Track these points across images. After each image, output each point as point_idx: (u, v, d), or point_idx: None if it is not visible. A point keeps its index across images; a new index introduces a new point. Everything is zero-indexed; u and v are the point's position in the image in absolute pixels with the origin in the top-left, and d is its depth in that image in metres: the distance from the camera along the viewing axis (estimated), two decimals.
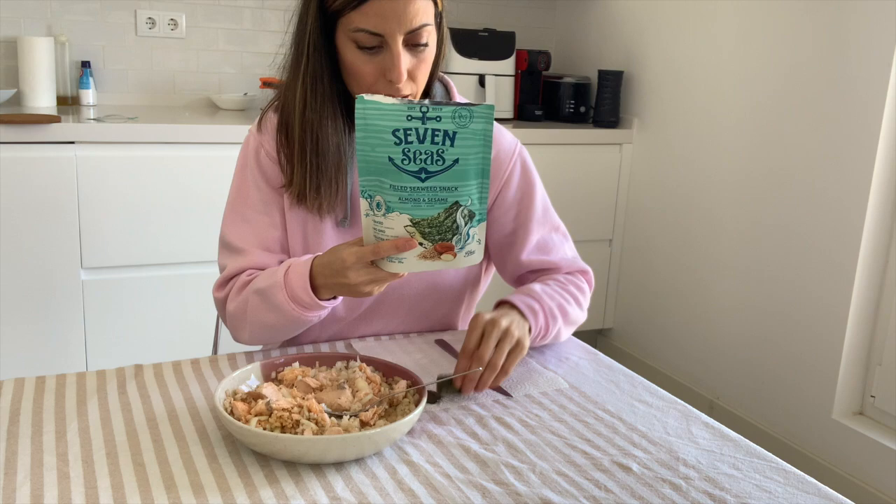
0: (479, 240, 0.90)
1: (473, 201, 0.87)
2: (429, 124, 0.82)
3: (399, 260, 0.90)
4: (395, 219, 0.87)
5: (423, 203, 0.85)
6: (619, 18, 3.02)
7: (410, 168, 0.84)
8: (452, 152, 0.83)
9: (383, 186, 0.85)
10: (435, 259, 0.89)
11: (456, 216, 0.87)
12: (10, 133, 2.11)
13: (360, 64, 1.05)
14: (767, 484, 0.85)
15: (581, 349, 1.23)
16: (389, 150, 0.83)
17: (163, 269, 2.31)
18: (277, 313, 1.06)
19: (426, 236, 0.88)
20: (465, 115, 0.82)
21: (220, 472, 0.82)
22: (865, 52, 2.09)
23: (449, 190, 0.85)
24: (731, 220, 2.55)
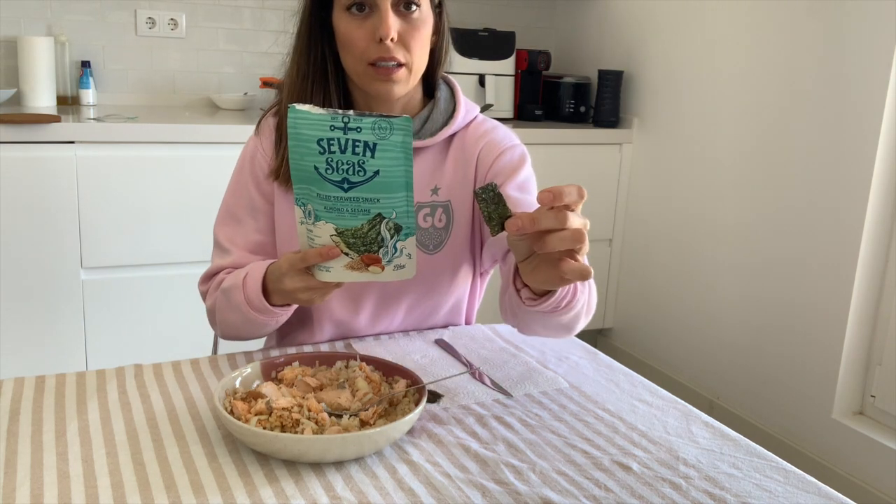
0: (408, 254, 0.90)
1: (399, 214, 0.87)
2: (350, 135, 0.83)
3: (327, 269, 0.92)
4: (322, 227, 0.88)
5: (346, 213, 0.86)
6: (619, 18, 3.02)
7: (333, 178, 0.84)
8: (373, 163, 0.84)
9: (311, 195, 0.87)
10: (363, 270, 0.91)
11: (380, 228, 0.87)
12: (10, 133, 2.11)
13: (353, 29, 1.07)
14: (767, 483, 0.85)
15: (581, 349, 1.22)
16: (315, 159, 0.84)
17: (163, 269, 2.31)
18: (237, 313, 1.09)
19: (351, 247, 0.89)
20: (385, 126, 0.82)
21: (220, 471, 0.82)
22: (865, 52, 2.09)
23: (371, 201, 0.86)
24: (730, 220, 2.55)
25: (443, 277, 1.21)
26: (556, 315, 0.98)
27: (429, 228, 1.19)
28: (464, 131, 1.22)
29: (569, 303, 0.97)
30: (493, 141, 1.21)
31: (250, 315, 1.07)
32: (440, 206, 1.19)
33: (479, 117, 1.25)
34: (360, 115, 0.83)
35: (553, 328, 1.05)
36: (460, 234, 1.21)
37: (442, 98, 1.20)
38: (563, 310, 0.98)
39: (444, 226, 1.20)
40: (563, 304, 0.97)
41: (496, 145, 1.20)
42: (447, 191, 1.20)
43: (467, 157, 1.20)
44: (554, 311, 0.97)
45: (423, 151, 1.19)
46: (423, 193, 1.19)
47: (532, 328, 1.07)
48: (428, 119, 1.19)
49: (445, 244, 1.20)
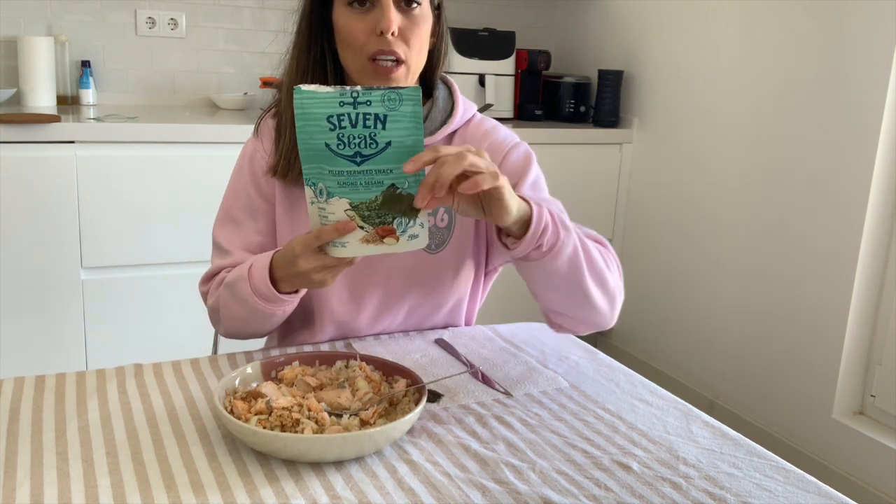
0: (421, 223, 0.91)
1: (411, 183, 0.88)
2: (360, 108, 0.84)
3: (342, 244, 0.92)
4: (335, 203, 0.89)
5: (360, 187, 0.88)
6: (619, 18, 3.02)
7: (346, 153, 0.86)
8: (384, 135, 0.85)
9: (323, 173, 0.88)
10: (378, 243, 0.91)
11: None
12: (10, 133, 2.11)
13: (353, 23, 1.08)
14: (768, 483, 0.85)
15: (581, 348, 1.22)
16: (325, 136, 0.85)
17: (163, 268, 2.31)
18: (244, 306, 1.08)
19: (366, 220, 0.90)
20: (394, 97, 0.84)
21: (220, 470, 0.82)
22: (865, 52, 2.09)
23: (384, 172, 0.87)
24: (731, 220, 2.55)
25: (445, 277, 1.21)
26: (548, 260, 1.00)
27: (430, 228, 1.19)
28: (464, 130, 1.22)
29: (553, 244, 0.99)
30: (496, 142, 1.21)
31: (257, 306, 1.06)
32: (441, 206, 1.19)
33: (478, 116, 1.25)
34: (369, 89, 0.84)
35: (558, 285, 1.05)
36: (463, 233, 1.21)
37: (440, 97, 1.21)
38: (551, 252, 1.00)
39: (447, 225, 1.20)
40: (547, 245, 0.99)
41: (500, 146, 1.20)
42: None
43: None
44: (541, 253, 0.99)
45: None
46: None
47: (543, 294, 1.09)
48: (426, 118, 1.19)
49: (448, 243, 1.20)
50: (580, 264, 1.04)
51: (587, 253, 1.05)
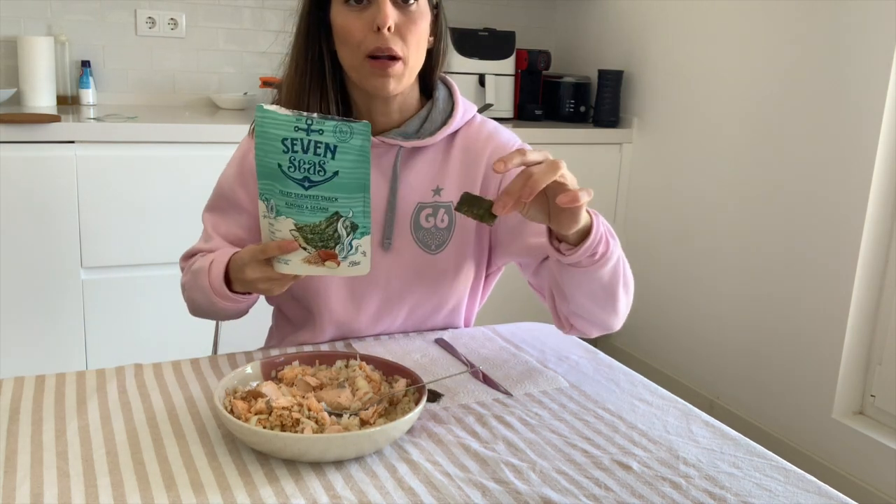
0: (363, 252, 0.94)
1: (355, 214, 0.91)
2: (312, 136, 0.87)
3: (285, 262, 0.96)
4: (282, 222, 0.93)
5: (306, 210, 0.91)
6: (619, 18, 3.02)
7: (295, 176, 0.89)
8: (333, 164, 0.88)
9: (274, 191, 0.91)
10: (319, 265, 0.95)
11: (337, 226, 0.92)
12: (10, 132, 2.11)
13: (350, 21, 1.08)
14: (768, 482, 0.85)
15: (581, 348, 1.22)
16: (279, 157, 0.89)
17: (163, 268, 2.30)
18: (202, 295, 1.12)
19: (309, 241, 0.93)
20: (346, 130, 0.87)
21: (220, 470, 0.82)
22: (865, 53, 2.09)
23: (330, 200, 0.90)
24: (730, 220, 2.55)
25: (445, 277, 1.21)
26: (595, 268, 1.01)
27: (431, 228, 1.19)
28: (465, 131, 1.22)
29: (603, 253, 1.00)
30: (500, 145, 1.21)
31: (213, 299, 1.10)
32: (442, 206, 1.19)
33: (478, 117, 1.25)
34: (323, 118, 0.87)
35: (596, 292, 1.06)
36: (463, 234, 1.20)
37: (440, 98, 1.20)
38: (601, 260, 1.01)
39: (447, 226, 1.19)
40: (599, 253, 1.00)
41: (504, 148, 1.21)
42: (450, 191, 1.19)
43: (472, 159, 1.20)
44: (592, 260, 1.00)
45: (424, 151, 1.19)
46: (425, 193, 1.19)
47: (577, 299, 1.09)
48: (427, 119, 1.18)
49: (448, 244, 1.20)
50: (619, 272, 1.06)
51: (624, 261, 1.08)
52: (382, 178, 1.18)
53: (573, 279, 1.06)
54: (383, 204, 1.18)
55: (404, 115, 1.18)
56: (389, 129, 1.18)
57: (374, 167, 1.18)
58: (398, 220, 1.18)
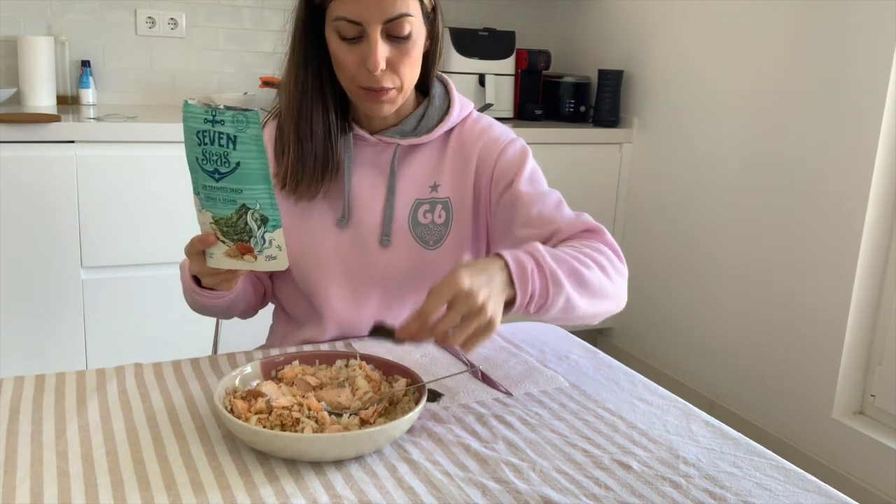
0: (278, 245, 0.95)
1: (263, 206, 0.91)
2: (216, 127, 0.88)
3: (210, 255, 0.98)
4: (205, 215, 0.95)
5: (219, 203, 0.92)
6: (619, 18, 3.02)
7: (207, 168, 0.90)
8: (235, 155, 0.89)
9: (198, 184, 0.93)
10: (238, 259, 0.96)
11: (247, 218, 0.92)
12: (10, 132, 2.11)
13: (343, 54, 1.08)
14: (768, 482, 0.85)
15: (581, 348, 1.23)
16: (195, 150, 0.90)
17: (163, 268, 2.30)
18: (188, 293, 1.16)
19: (225, 235, 0.95)
20: (242, 119, 0.87)
21: (220, 470, 0.82)
22: (865, 51, 2.09)
23: (236, 192, 0.91)
24: (731, 220, 2.55)
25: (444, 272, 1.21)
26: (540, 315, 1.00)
27: (428, 224, 1.19)
28: (460, 128, 1.22)
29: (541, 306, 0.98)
30: (491, 139, 1.21)
31: (194, 296, 1.14)
32: (440, 202, 1.20)
33: (474, 114, 1.25)
34: (226, 109, 0.88)
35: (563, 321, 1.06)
36: (461, 229, 1.21)
37: (436, 96, 1.21)
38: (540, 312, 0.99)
39: (444, 222, 1.20)
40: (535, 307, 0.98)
41: (496, 142, 1.20)
42: (447, 187, 1.20)
43: (466, 155, 1.21)
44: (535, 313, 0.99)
45: (421, 148, 1.20)
46: (423, 190, 1.19)
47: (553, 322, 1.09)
48: (423, 117, 1.19)
49: (445, 240, 1.20)
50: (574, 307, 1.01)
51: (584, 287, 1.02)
52: (380, 175, 1.19)
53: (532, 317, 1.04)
54: (381, 201, 1.18)
55: (401, 115, 1.19)
56: (387, 127, 1.19)
57: (372, 165, 1.19)
58: (396, 217, 1.19)
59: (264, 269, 0.96)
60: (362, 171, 1.19)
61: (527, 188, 1.16)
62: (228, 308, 1.21)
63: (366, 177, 1.19)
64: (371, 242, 1.19)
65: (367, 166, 1.19)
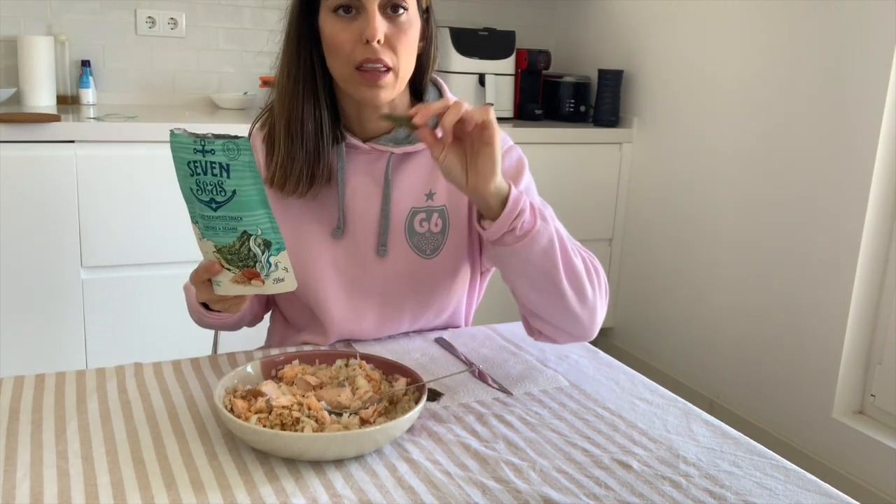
0: (284, 268, 0.94)
1: (264, 230, 0.90)
2: (207, 157, 0.86)
3: (217, 283, 0.97)
4: (206, 244, 0.93)
5: (219, 231, 0.90)
6: (619, 17, 3.02)
7: (203, 198, 0.88)
8: (230, 184, 0.87)
9: (195, 214, 0.91)
10: (246, 284, 0.95)
11: (250, 245, 0.91)
12: (9, 132, 2.11)
13: (339, 32, 1.07)
14: (768, 481, 0.85)
15: (581, 347, 1.22)
16: (188, 181, 0.88)
17: (163, 268, 2.31)
18: (195, 314, 1.17)
19: (230, 262, 0.93)
20: (233, 147, 0.86)
21: (220, 469, 0.82)
22: (865, 52, 2.09)
23: (236, 220, 0.89)
24: (731, 220, 2.55)
25: (442, 281, 1.20)
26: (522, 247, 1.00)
27: (425, 233, 1.18)
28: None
29: (528, 231, 1.00)
30: None
31: (201, 318, 1.15)
32: (436, 210, 1.18)
33: None
34: (215, 138, 0.86)
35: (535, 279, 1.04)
36: (457, 237, 1.20)
37: (430, 99, 1.20)
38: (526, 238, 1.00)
39: (441, 230, 1.18)
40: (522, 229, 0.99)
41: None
42: (443, 195, 1.18)
43: None
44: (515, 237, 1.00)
45: (415, 156, 1.18)
46: (418, 198, 1.18)
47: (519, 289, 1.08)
48: None
49: (443, 248, 1.19)
50: (555, 258, 1.03)
51: (564, 251, 1.04)
52: (374, 184, 1.17)
53: (505, 262, 1.05)
54: (377, 210, 1.17)
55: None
56: (380, 135, 1.17)
57: (366, 174, 1.17)
58: (392, 227, 1.17)
59: (273, 291, 0.95)
60: (356, 180, 1.17)
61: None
62: (237, 323, 1.22)
63: (360, 186, 1.17)
64: (367, 252, 1.17)
65: (361, 175, 1.17)
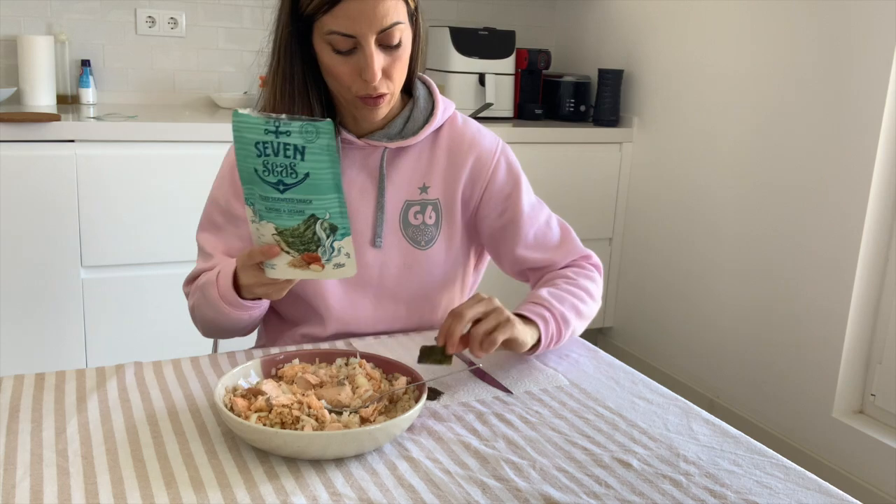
0: (346, 253, 0.93)
1: (333, 215, 0.90)
2: (281, 138, 0.86)
3: (272, 266, 0.96)
4: (265, 226, 0.92)
5: (283, 214, 0.90)
6: (619, 17, 3.02)
7: (270, 179, 0.88)
8: (304, 166, 0.87)
9: (255, 195, 0.90)
10: (304, 268, 0.94)
11: (315, 228, 0.91)
12: (9, 132, 2.11)
13: (337, 65, 1.08)
14: (768, 480, 0.85)
15: (581, 346, 1.23)
16: (254, 161, 0.87)
17: (163, 267, 2.30)
18: (213, 309, 1.11)
19: (291, 245, 0.92)
20: (311, 130, 0.85)
21: (220, 468, 0.82)
22: (866, 51, 2.09)
23: (305, 202, 0.89)
24: (731, 219, 2.55)
25: (436, 272, 1.23)
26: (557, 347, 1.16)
27: (419, 225, 1.21)
28: (449, 129, 1.24)
29: (557, 341, 1.14)
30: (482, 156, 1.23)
31: (224, 309, 1.09)
32: (430, 203, 1.21)
33: (458, 115, 1.27)
34: (291, 119, 0.86)
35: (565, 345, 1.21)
36: (451, 229, 1.23)
37: (420, 97, 1.22)
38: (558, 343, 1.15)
39: (435, 222, 1.22)
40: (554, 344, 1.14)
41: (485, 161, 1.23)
42: (436, 189, 1.22)
43: (456, 158, 1.23)
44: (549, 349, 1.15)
45: (409, 150, 1.21)
46: (412, 191, 1.21)
47: None
48: (409, 119, 1.20)
49: (437, 240, 1.22)
50: (577, 330, 1.20)
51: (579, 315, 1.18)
52: (370, 178, 1.20)
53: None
54: (372, 204, 1.19)
55: (388, 117, 1.20)
56: (374, 130, 1.19)
57: (361, 168, 1.20)
58: (387, 219, 1.20)
59: (332, 277, 0.94)
60: (351, 174, 1.19)
61: (527, 209, 1.25)
62: (255, 320, 1.17)
63: (355, 180, 1.19)
64: (363, 244, 1.20)
65: (356, 169, 1.20)
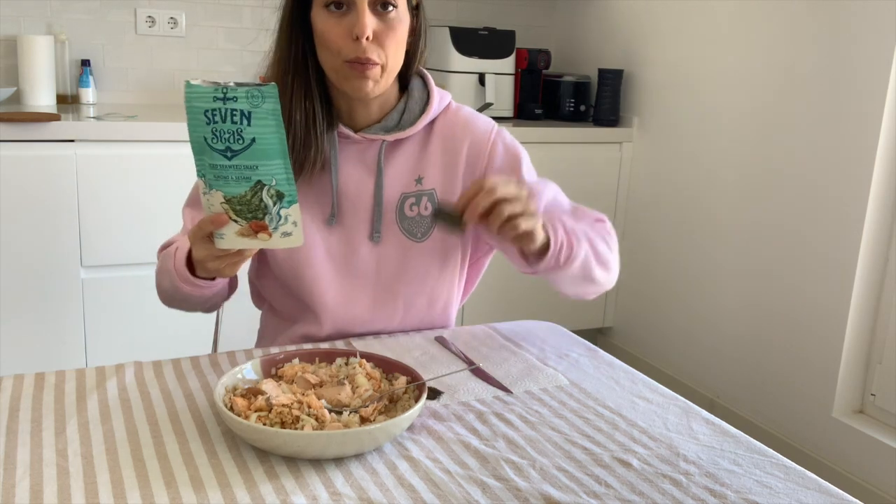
0: (293, 221, 0.93)
1: (279, 181, 0.90)
2: (228, 104, 0.86)
3: (221, 236, 0.95)
4: (214, 195, 0.92)
5: (231, 181, 0.90)
6: (619, 17, 3.02)
7: (218, 147, 0.88)
8: (250, 131, 0.87)
9: (205, 165, 0.91)
10: (252, 237, 0.94)
11: (262, 195, 0.91)
12: (9, 131, 2.11)
13: (330, 27, 1.09)
14: (768, 480, 0.85)
15: (581, 346, 1.23)
16: (203, 130, 0.88)
17: None
18: (168, 280, 1.12)
19: (239, 213, 0.92)
20: (257, 94, 0.86)
21: (220, 467, 0.82)
22: (865, 51, 2.09)
23: (251, 168, 0.89)
24: (731, 219, 2.55)
25: (432, 264, 1.23)
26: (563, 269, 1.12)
27: (415, 217, 1.21)
28: (442, 120, 1.24)
29: (567, 257, 1.11)
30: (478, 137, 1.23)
31: (177, 283, 1.09)
32: (425, 194, 1.22)
33: (453, 104, 1.27)
34: (238, 85, 0.87)
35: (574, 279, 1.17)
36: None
37: (415, 88, 1.23)
38: (566, 264, 1.12)
39: (430, 213, 1.22)
40: (563, 259, 1.11)
41: (481, 144, 1.23)
42: (431, 179, 1.22)
43: (451, 148, 1.23)
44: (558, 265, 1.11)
45: (404, 143, 1.22)
46: (408, 184, 1.21)
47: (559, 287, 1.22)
48: (405, 111, 1.21)
49: (433, 231, 1.23)
50: (590, 263, 1.16)
51: (595, 250, 1.17)
52: (367, 172, 1.20)
53: (550, 276, 1.17)
54: (369, 197, 1.20)
55: (384, 112, 1.21)
56: (370, 124, 1.20)
57: (358, 162, 1.20)
58: (384, 212, 1.20)
59: (280, 246, 0.95)
60: (349, 168, 1.20)
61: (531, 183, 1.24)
62: (212, 297, 1.16)
63: (353, 174, 1.20)
64: (361, 239, 1.21)
65: (354, 163, 1.20)
